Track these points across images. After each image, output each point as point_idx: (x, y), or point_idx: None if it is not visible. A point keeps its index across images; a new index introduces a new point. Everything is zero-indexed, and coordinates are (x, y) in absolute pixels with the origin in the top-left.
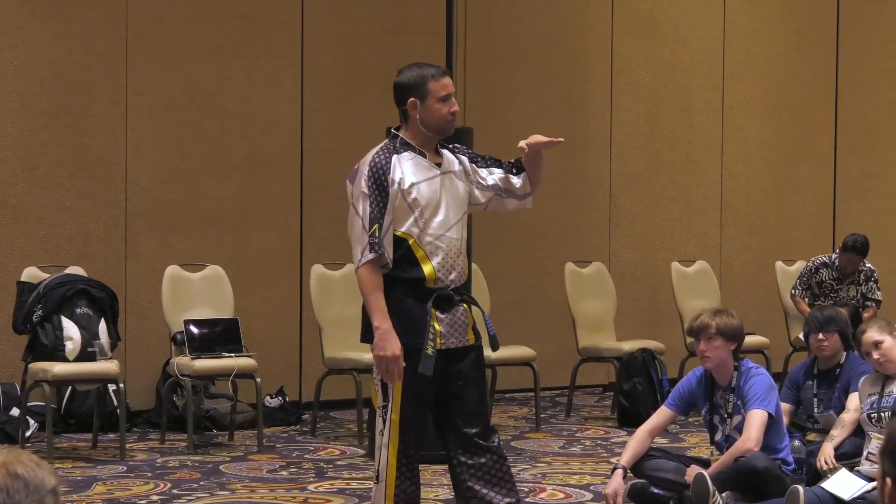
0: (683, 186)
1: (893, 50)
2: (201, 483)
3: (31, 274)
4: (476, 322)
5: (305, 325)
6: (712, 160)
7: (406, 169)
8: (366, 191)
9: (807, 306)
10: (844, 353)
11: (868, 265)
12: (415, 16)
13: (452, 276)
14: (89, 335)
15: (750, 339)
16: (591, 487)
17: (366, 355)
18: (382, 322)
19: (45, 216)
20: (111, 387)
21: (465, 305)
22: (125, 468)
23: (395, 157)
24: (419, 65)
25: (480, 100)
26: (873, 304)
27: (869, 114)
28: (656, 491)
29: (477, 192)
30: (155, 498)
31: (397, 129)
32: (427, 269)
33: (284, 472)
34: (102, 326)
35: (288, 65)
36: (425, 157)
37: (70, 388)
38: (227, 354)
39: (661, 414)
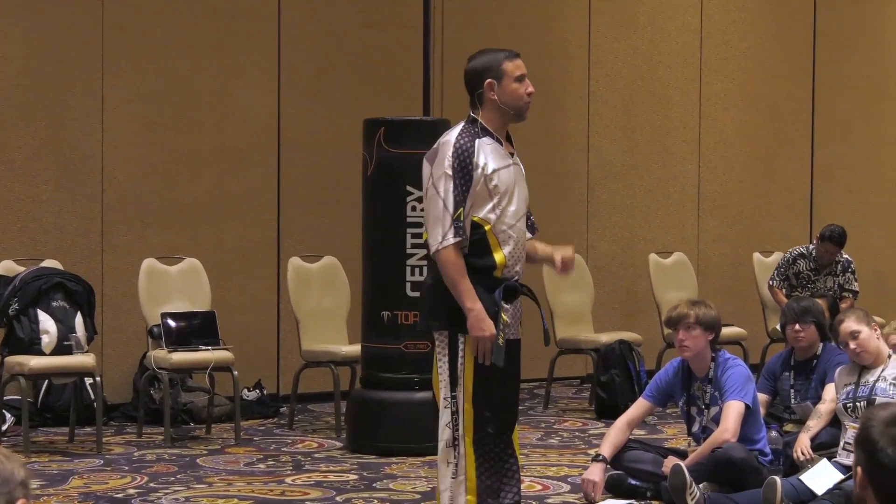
0: (661, 178)
1: (869, 41)
2: (178, 476)
3: (7, 267)
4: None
5: (283, 317)
6: (689, 152)
7: (488, 154)
8: (449, 172)
9: (784, 297)
10: (821, 345)
11: (845, 256)
12: (392, 9)
13: (518, 268)
14: (65, 328)
15: (727, 331)
16: (569, 479)
17: (343, 348)
18: (475, 304)
19: (21, 209)
20: (88, 380)
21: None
22: (102, 462)
23: (477, 140)
24: (488, 50)
25: (458, 92)
26: (850, 295)
27: (845, 105)
28: (634, 482)
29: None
30: (132, 491)
31: (472, 115)
32: (499, 257)
33: (262, 465)
34: (79, 320)
35: (265, 58)
36: (501, 144)
37: (46, 381)
38: (204, 347)
39: (639, 405)
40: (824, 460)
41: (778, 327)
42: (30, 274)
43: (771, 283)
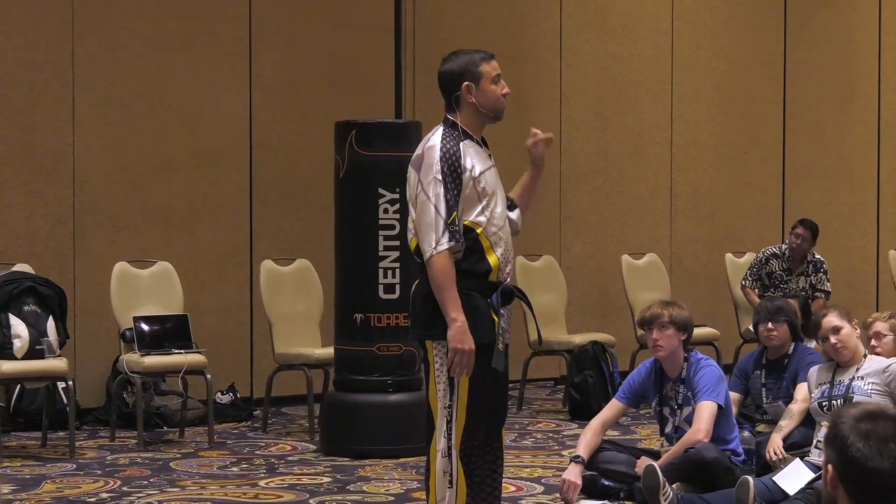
0: (633, 180)
1: (840, 42)
2: (151, 480)
3: None
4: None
5: (256, 320)
6: (661, 153)
7: (472, 156)
8: (439, 177)
9: (757, 297)
10: (793, 344)
11: (818, 256)
12: (363, 12)
13: (509, 269)
14: (37, 333)
15: (700, 331)
16: (543, 480)
17: (316, 350)
18: (459, 314)
19: None
20: (60, 384)
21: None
22: (75, 466)
23: (462, 143)
24: (464, 51)
25: (429, 95)
26: (822, 296)
27: (816, 106)
28: (607, 483)
29: None
30: (105, 496)
31: (450, 117)
32: (493, 259)
33: (235, 469)
34: (51, 324)
35: (236, 61)
36: (481, 147)
37: (19, 386)
38: (176, 351)
39: (612, 407)
40: (797, 460)
41: (751, 327)
42: (1, 278)
43: (744, 283)
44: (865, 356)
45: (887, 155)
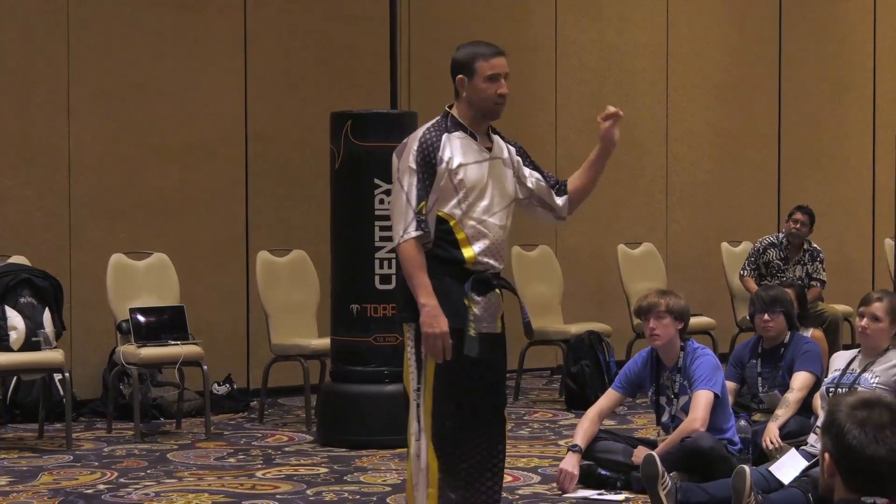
0: (629, 169)
1: (835, 31)
2: (149, 471)
3: None
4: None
5: (252, 311)
6: (657, 143)
7: (455, 148)
8: (413, 166)
9: (756, 286)
10: (789, 333)
11: (814, 245)
12: (358, 2)
13: (492, 262)
14: (33, 325)
15: (696, 320)
16: (540, 470)
17: (312, 341)
18: (429, 299)
19: None
20: (57, 376)
21: (498, 292)
22: (72, 458)
23: (445, 135)
24: (476, 43)
25: (425, 85)
26: (818, 284)
27: (811, 95)
28: (604, 472)
29: (517, 186)
30: (102, 487)
31: (451, 106)
32: (467, 252)
33: (232, 460)
34: (47, 316)
35: (231, 52)
36: (476, 140)
37: (15, 378)
38: (173, 342)
39: (609, 396)
40: (792, 450)
41: (748, 316)
42: None
43: (742, 273)
44: (887, 351)
45: (882, 144)
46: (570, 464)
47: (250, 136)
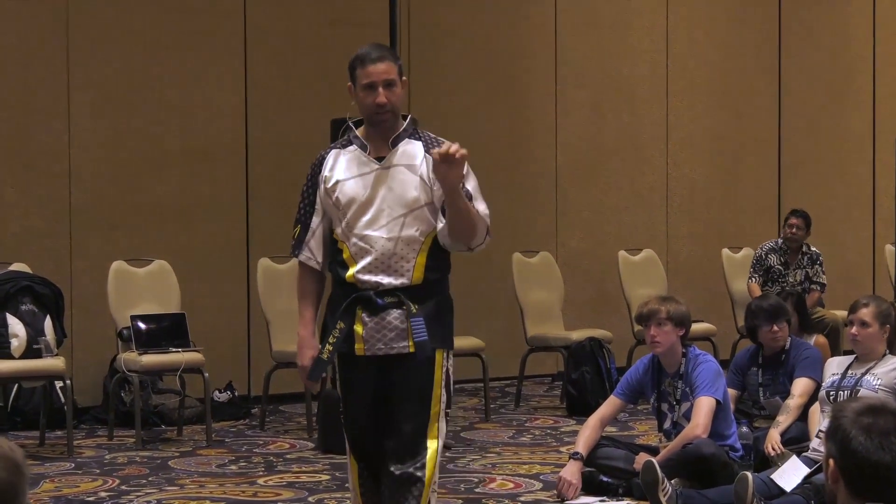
0: (629, 175)
1: (834, 35)
2: (150, 479)
3: None
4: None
5: (253, 319)
6: (657, 148)
7: (340, 165)
8: (303, 188)
9: (761, 292)
10: (789, 339)
11: (814, 249)
12: (358, 7)
13: (379, 278)
14: (34, 332)
15: (697, 327)
16: (541, 477)
17: None
18: (301, 329)
19: None
20: (58, 384)
21: (402, 309)
22: (73, 465)
23: (334, 151)
24: (368, 45)
25: (424, 90)
26: (818, 288)
27: (811, 99)
28: (605, 479)
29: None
30: (103, 494)
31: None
32: (350, 271)
33: (234, 467)
34: (48, 323)
35: (231, 57)
36: (366, 151)
37: (16, 385)
38: (174, 349)
39: (610, 403)
40: (794, 457)
41: (745, 328)
42: None
43: (750, 280)
44: (885, 355)
45: (882, 148)
46: (571, 471)
47: (250, 142)
